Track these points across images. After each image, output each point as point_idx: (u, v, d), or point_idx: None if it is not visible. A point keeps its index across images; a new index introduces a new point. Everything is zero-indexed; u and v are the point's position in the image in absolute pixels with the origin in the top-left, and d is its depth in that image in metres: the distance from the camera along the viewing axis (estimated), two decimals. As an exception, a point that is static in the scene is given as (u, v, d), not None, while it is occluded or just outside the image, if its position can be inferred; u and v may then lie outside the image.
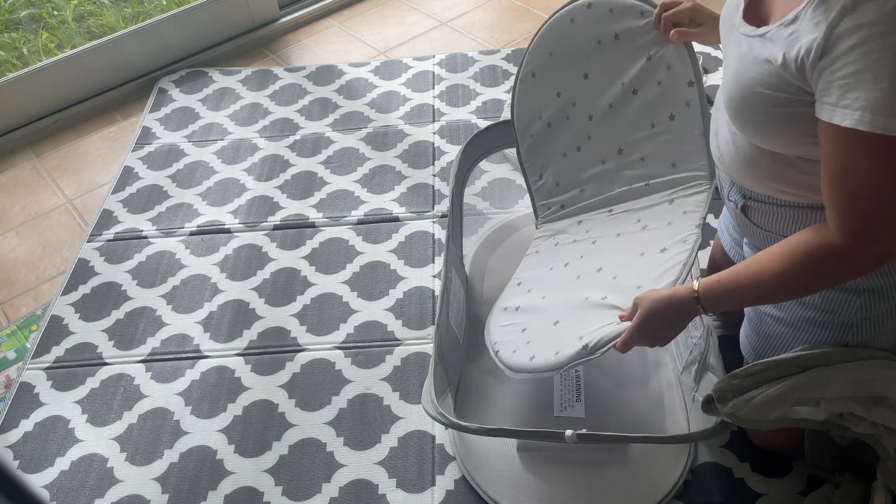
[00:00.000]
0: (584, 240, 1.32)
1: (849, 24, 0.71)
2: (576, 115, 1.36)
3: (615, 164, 1.33)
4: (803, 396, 0.94)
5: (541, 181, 1.44)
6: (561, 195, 1.41)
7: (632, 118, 1.29)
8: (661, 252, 1.14)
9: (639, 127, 1.29)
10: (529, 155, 1.44)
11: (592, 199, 1.37)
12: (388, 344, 1.43)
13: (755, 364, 0.97)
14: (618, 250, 1.23)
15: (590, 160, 1.36)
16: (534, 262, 1.37)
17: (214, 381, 1.39)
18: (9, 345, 1.53)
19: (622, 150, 1.32)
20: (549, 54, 1.37)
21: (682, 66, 1.21)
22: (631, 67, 1.28)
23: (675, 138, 1.24)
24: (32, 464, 1.29)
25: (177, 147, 1.96)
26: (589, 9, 1.30)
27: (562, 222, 1.40)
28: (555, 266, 1.30)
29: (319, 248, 1.64)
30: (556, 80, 1.38)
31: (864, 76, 0.70)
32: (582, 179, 1.38)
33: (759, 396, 0.95)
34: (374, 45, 2.32)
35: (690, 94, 1.21)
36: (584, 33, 1.32)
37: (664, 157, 1.26)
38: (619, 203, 1.33)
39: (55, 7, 2.39)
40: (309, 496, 1.21)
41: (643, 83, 1.27)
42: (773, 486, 1.15)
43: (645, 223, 1.25)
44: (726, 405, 0.96)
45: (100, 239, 1.71)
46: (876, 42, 0.69)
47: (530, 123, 1.42)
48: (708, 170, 1.22)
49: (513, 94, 1.43)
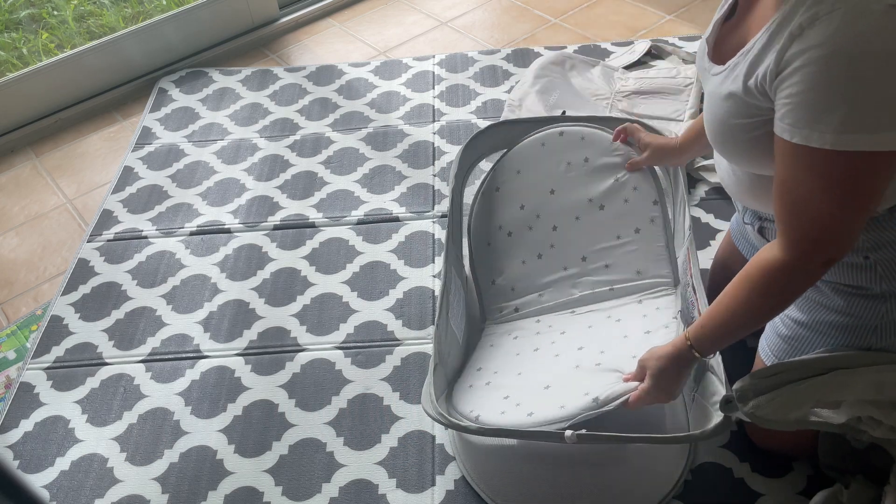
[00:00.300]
0: (550, 331, 1.30)
1: (796, 48, 0.76)
2: (539, 226, 1.41)
3: (578, 271, 1.37)
4: (823, 399, 0.94)
5: (494, 286, 1.42)
6: (516, 299, 1.40)
7: (598, 229, 1.36)
8: (646, 334, 1.17)
9: (604, 238, 1.36)
10: (483, 261, 1.44)
11: (551, 302, 1.37)
12: (388, 344, 1.43)
13: (777, 364, 0.97)
14: (596, 335, 1.23)
15: (551, 267, 1.39)
16: (493, 354, 1.30)
17: (214, 381, 1.39)
18: (9, 345, 1.53)
19: (586, 257, 1.37)
20: (517, 172, 1.45)
21: (647, 187, 1.34)
22: (598, 186, 1.38)
23: (640, 249, 1.32)
24: (32, 464, 1.29)
25: (177, 147, 1.96)
26: (561, 136, 1.42)
27: (518, 323, 1.37)
28: (522, 352, 1.26)
29: (319, 248, 1.64)
30: (521, 195, 1.44)
31: (808, 95, 0.75)
32: (541, 285, 1.39)
33: (780, 397, 0.95)
34: (374, 45, 2.32)
35: (655, 212, 1.32)
36: (553, 156, 1.42)
37: (629, 266, 1.33)
38: (581, 305, 1.34)
39: (55, 7, 2.40)
40: (309, 496, 1.21)
41: (610, 200, 1.36)
42: (773, 486, 1.15)
43: (618, 317, 1.27)
44: (747, 404, 0.95)
45: (100, 239, 1.71)
46: (818, 64, 0.74)
47: (489, 233, 1.45)
48: (672, 276, 1.28)
49: (472, 206, 1.46)
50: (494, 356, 1.30)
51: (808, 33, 0.75)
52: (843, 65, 0.73)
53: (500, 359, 1.27)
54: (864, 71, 0.72)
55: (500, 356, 1.29)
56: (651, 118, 1.80)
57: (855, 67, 0.72)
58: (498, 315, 1.40)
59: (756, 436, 1.18)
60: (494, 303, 1.42)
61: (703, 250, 1.51)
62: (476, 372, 1.27)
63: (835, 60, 0.73)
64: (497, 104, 1.98)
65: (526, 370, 1.21)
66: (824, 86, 0.74)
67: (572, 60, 2.03)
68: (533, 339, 1.30)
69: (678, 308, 1.24)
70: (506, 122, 1.54)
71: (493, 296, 1.43)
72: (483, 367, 1.27)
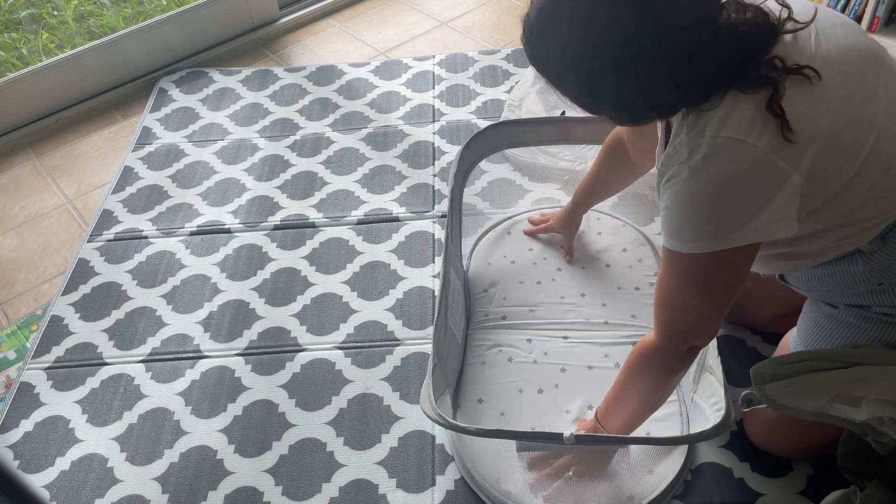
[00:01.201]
0: (547, 363, 1.32)
1: (662, 189, 0.91)
2: (543, 264, 1.52)
3: (575, 302, 1.43)
4: (844, 393, 0.93)
5: (485, 294, 1.46)
6: (505, 308, 1.42)
7: (601, 279, 1.47)
8: None
9: (605, 286, 1.46)
10: (481, 275, 1.49)
11: (542, 320, 1.39)
12: (388, 344, 1.43)
13: (802, 352, 0.98)
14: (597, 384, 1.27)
15: (548, 293, 1.45)
16: (488, 376, 1.32)
17: (214, 381, 1.39)
18: (9, 345, 1.53)
19: (585, 294, 1.45)
20: None
21: (649, 261, 1.50)
22: (607, 251, 1.53)
23: (638, 301, 1.42)
24: (32, 464, 1.29)
25: (177, 147, 1.96)
26: None
27: (504, 334, 1.38)
28: (524, 390, 1.29)
29: (319, 248, 1.64)
30: (532, 240, 1.57)
31: (670, 212, 0.89)
32: (535, 302, 1.43)
33: (797, 384, 0.94)
34: (374, 45, 2.32)
35: (654, 280, 1.43)
36: None
37: (625, 309, 1.41)
38: (574, 332, 1.37)
39: (55, 7, 2.40)
40: (309, 496, 1.21)
41: (616, 262, 1.50)
42: (773, 486, 1.15)
43: (615, 361, 1.32)
44: (763, 387, 0.95)
45: (100, 239, 1.71)
46: (671, 189, 0.87)
47: (490, 256, 1.55)
48: None
49: (477, 240, 1.58)
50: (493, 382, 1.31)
51: (669, 186, 0.89)
52: (694, 192, 0.85)
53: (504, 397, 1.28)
54: (707, 196, 0.84)
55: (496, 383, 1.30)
56: (651, 118, 1.80)
57: (702, 195, 0.85)
58: (483, 318, 1.41)
59: (757, 438, 1.18)
60: (481, 307, 1.43)
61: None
62: (477, 404, 1.28)
63: (690, 189, 0.85)
64: (497, 104, 1.98)
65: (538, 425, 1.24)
66: (681, 206, 0.87)
67: (572, 60, 2.03)
68: (531, 370, 1.31)
69: None
70: (506, 122, 1.54)
71: (481, 301, 1.44)
72: (485, 400, 1.28)
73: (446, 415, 1.07)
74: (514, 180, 1.74)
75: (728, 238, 0.85)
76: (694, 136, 0.83)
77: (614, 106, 0.87)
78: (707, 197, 0.84)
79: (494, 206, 1.67)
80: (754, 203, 0.83)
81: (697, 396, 1.16)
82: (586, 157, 1.71)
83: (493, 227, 1.61)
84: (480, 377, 1.31)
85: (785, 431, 1.13)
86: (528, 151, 1.73)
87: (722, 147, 0.82)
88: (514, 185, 1.73)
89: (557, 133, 1.52)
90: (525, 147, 1.67)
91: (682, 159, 0.84)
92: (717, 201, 0.84)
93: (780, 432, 1.14)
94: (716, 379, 1.09)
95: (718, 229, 0.85)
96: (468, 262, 1.54)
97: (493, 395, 1.29)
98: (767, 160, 0.81)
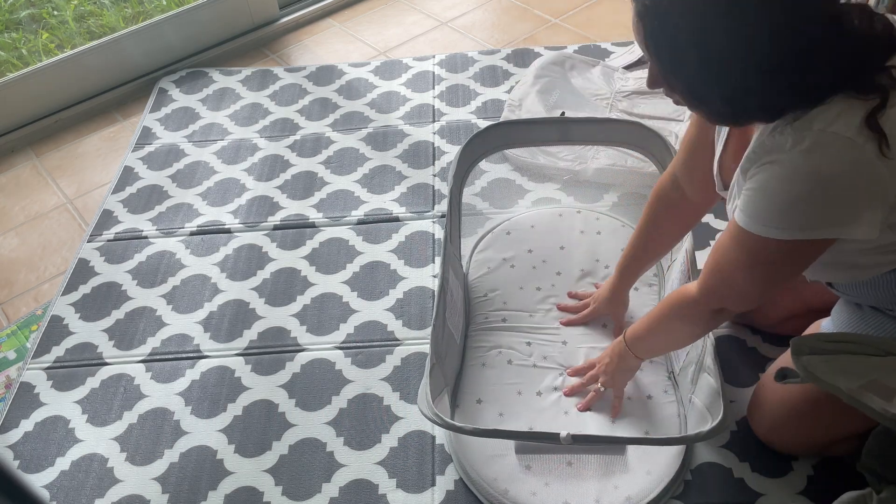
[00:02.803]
0: (546, 367, 1.32)
1: (753, 172, 0.90)
2: (543, 268, 1.51)
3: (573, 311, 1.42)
4: (878, 381, 0.92)
5: (485, 298, 1.46)
6: (505, 311, 1.43)
7: (599, 281, 1.47)
8: (648, 398, 1.26)
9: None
10: (481, 280, 1.49)
11: (542, 325, 1.40)
12: (388, 344, 1.43)
13: (846, 333, 0.99)
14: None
15: (548, 299, 1.45)
16: (488, 377, 1.32)
17: (214, 381, 1.39)
18: (9, 345, 1.53)
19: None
20: (531, 226, 1.60)
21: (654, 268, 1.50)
22: (606, 252, 1.52)
23: (637, 303, 1.44)
24: (32, 464, 1.29)
25: (177, 147, 1.96)
26: (578, 213, 1.62)
27: (504, 336, 1.38)
28: (523, 392, 1.29)
29: (319, 248, 1.64)
30: (531, 242, 1.57)
31: (756, 194, 0.89)
32: (534, 308, 1.43)
33: (834, 362, 0.94)
34: (374, 45, 2.32)
35: (653, 281, 1.48)
36: (567, 221, 1.61)
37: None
38: (573, 336, 1.38)
39: (55, 7, 2.40)
40: (309, 496, 1.21)
41: (615, 265, 1.44)
42: (772, 486, 1.15)
43: None
44: (800, 358, 0.95)
45: (100, 239, 1.71)
46: (766, 173, 0.87)
47: (489, 260, 1.53)
48: None
49: (477, 242, 1.58)
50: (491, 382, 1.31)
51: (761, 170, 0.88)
52: (790, 180, 0.85)
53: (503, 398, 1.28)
54: (803, 186, 0.84)
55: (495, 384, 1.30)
56: (651, 118, 1.80)
57: (798, 184, 0.84)
58: (484, 321, 1.41)
59: (761, 431, 1.18)
60: (481, 310, 1.43)
61: (702, 251, 1.51)
62: (476, 405, 1.28)
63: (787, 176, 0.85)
64: (497, 104, 1.98)
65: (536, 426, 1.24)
66: (774, 191, 0.87)
67: (572, 60, 2.03)
68: (530, 373, 1.31)
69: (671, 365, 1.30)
70: (506, 122, 1.54)
71: (481, 304, 1.44)
72: (483, 401, 1.28)
73: (444, 415, 1.07)
74: (513, 180, 1.74)
75: (813, 231, 0.85)
76: (799, 127, 0.82)
77: (726, 98, 0.85)
78: (804, 187, 0.84)
79: (494, 207, 1.68)
80: (849, 202, 0.83)
81: (695, 397, 1.16)
82: (586, 157, 1.71)
83: (493, 228, 1.60)
84: (480, 378, 1.32)
85: (790, 426, 1.13)
86: (528, 151, 1.74)
87: (829, 141, 0.81)
88: (513, 185, 1.73)
89: (557, 133, 1.52)
90: (525, 147, 1.67)
91: (785, 148, 0.83)
92: (814, 193, 0.83)
93: (785, 426, 1.14)
94: (714, 379, 1.09)
95: (808, 220, 0.85)
96: (468, 263, 1.54)
97: (492, 395, 1.29)
98: (871, 163, 0.81)
